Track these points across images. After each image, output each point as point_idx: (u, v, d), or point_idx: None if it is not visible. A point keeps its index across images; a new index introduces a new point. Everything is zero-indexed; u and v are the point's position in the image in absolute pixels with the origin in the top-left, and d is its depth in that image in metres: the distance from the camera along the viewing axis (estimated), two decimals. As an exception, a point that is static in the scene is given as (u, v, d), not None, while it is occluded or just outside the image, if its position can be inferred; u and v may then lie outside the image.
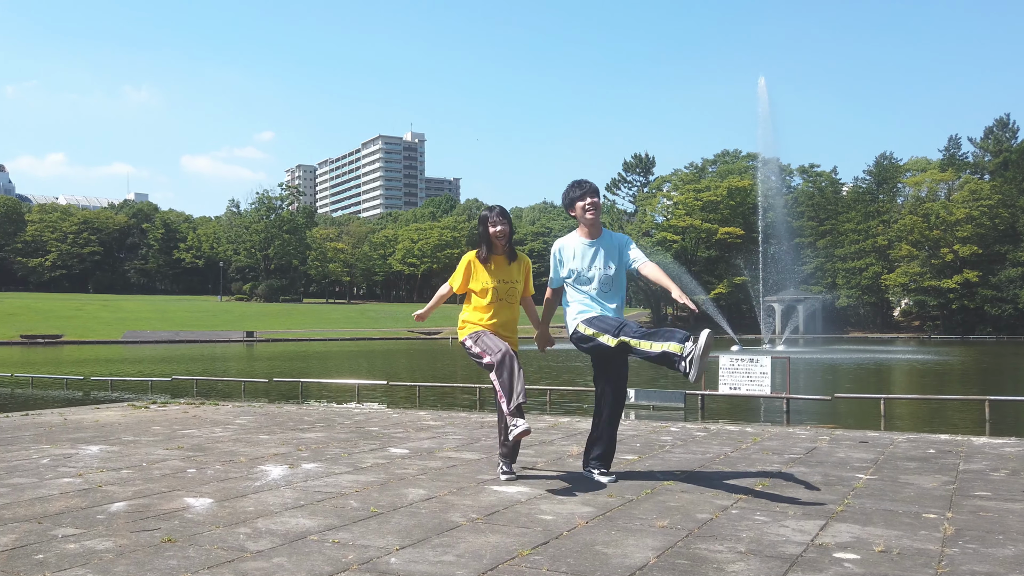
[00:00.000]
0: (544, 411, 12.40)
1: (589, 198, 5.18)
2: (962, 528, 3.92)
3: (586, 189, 5.20)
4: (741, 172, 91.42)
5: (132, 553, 3.47)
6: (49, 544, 3.61)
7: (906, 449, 6.59)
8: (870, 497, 4.65)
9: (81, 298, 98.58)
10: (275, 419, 8.99)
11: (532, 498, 4.61)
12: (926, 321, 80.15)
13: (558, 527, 3.91)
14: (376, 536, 3.75)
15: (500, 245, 5.22)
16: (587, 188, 5.20)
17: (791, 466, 5.74)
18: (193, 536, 3.75)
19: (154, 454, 6.32)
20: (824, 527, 3.93)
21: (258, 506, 4.40)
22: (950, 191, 79.62)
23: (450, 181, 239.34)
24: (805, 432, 7.86)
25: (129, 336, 60.98)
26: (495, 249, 5.24)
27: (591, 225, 5.19)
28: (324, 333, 68.71)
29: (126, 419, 8.97)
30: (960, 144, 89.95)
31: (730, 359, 12.64)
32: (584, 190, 5.20)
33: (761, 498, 4.61)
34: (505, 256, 5.24)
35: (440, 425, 8.36)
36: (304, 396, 15.76)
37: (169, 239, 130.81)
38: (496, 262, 5.22)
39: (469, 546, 3.58)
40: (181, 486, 4.98)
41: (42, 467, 5.71)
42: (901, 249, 76.42)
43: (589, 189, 5.20)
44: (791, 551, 3.50)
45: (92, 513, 4.24)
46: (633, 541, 3.66)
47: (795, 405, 13.01)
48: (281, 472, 5.49)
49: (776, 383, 12.46)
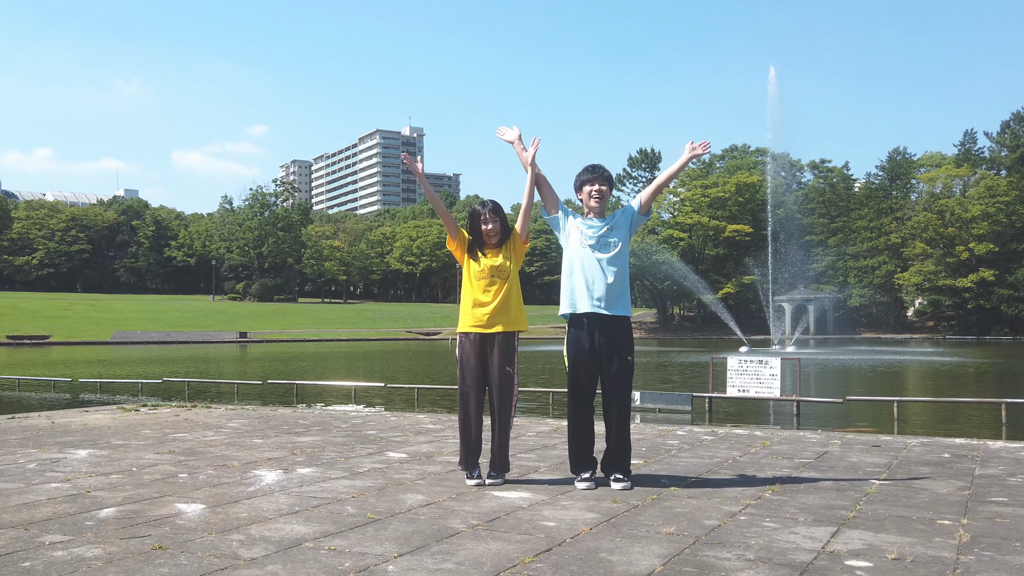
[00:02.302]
0: (547, 414, 12.40)
1: (597, 184, 5.20)
2: (978, 535, 3.92)
3: (597, 175, 5.22)
4: (750, 167, 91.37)
5: (122, 561, 3.47)
6: (36, 551, 3.61)
7: (920, 453, 6.59)
8: (883, 503, 4.64)
9: (69, 297, 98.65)
10: (269, 422, 8.99)
11: (534, 504, 4.61)
12: (941, 321, 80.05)
13: (561, 534, 3.91)
14: (373, 543, 3.75)
15: (491, 243, 5.25)
16: (598, 174, 5.23)
17: (801, 471, 5.74)
18: (185, 543, 3.75)
19: (144, 458, 6.33)
20: (836, 534, 3.92)
21: (252, 512, 4.40)
22: (965, 187, 79.51)
23: (450, 177, 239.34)
24: (816, 436, 7.86)
25: (118, 337, 61.02)
26: (486, 246, 5.27)
27: (594, 212, 5.27)
28: (320, 334, 68.74)
29: (115, 422, 8.98)
30: (976, 139, 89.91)
31: (738, 361, 12.64)
32: (595, 175, 5.22)
33: (770, 504, 4.61)
34: (498, 248, 5.31)
35: (440, 429, 8.36)
36: (299, 399, 15.76)
37: (160, 237, 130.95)
38: (487, 252, 5.31)
39: (469, 553, 3.57)
40: (172, 491, 4.99)
41: (29, 472, 5.71)
42: (915, 247, 76.36)
43: (600, 176, 5.22)
44: (801, 558, 3.50)
45: (80, 519, 4.24)
46: (638, 548, 3.66)
47: (806, 408, 13.01)
48: (275, 477, 5.49)
49: (786, 385, 12.45)
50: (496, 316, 5.18)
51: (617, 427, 5.15)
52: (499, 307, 5.18)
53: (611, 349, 5.12)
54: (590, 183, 5.23)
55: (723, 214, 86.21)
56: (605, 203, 5.27)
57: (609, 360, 5.12)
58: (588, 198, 5.24)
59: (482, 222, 5.22)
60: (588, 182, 5.24)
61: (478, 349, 5.21)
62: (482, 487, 5.09)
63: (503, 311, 5.20)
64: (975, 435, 9.92)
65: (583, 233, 5.22)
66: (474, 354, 5.22)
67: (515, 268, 5.32)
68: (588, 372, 5.15)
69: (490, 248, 5.28)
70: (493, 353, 5.19)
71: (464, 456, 5.28)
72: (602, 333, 5.13)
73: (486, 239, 5.24)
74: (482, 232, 5.23)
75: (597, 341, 5.12)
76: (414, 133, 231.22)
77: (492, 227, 5.20)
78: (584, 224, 5.26)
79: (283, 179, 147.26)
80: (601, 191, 5.22)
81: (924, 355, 37.90)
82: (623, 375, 5.16)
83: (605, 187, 5.23)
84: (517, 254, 5.36)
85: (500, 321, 5.18)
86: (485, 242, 5.26)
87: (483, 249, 5.28)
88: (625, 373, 5.17)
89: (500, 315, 5.19)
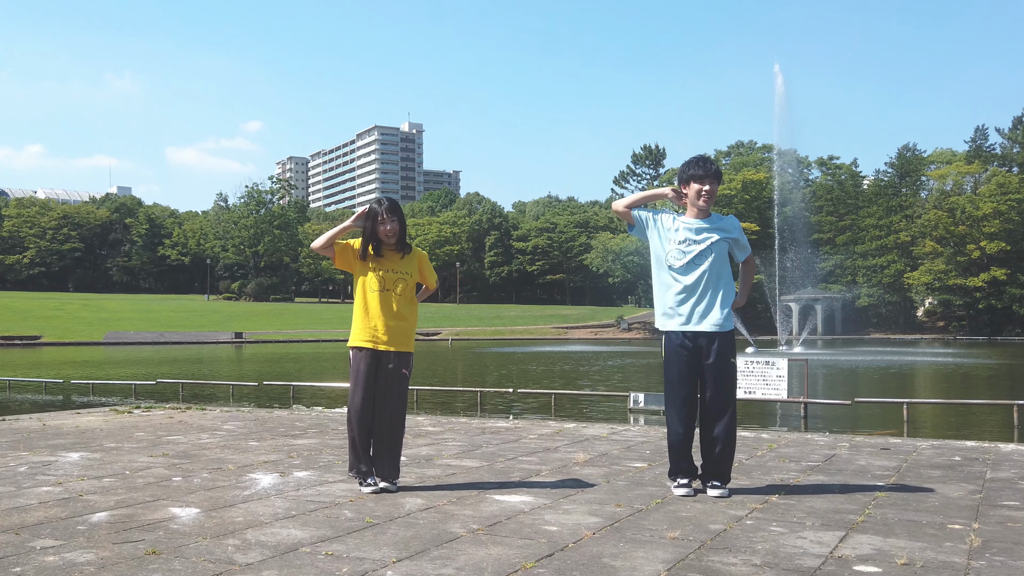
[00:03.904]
0: (548, 416, 12.40)
1: (708, 183, 5.02)
2: (989, 539, 3.92)
3: (710, 172, 5.02)
4: (756, 164, 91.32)
5: (114, 566, 3.47)
6: (27, 556, 3.62)
7: (930, 456, 6.59)
8: (892, 507, 4.64)
9: (61, 297, 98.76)
10: (265, 424, 9.00)
11: (536, 508, 4.61)
12: (951, 321, 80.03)
13: (563, 538, 3.91)
14: (371, 548, 3.76)
15: (390, 245, 5.20)
16: (711, 171, 5.03)
17: (809, 474, 5.74)
18: (179, 548, 3.76)
19: (138, 461, 6.33)
20: (844, 538, 3.92)
21: (247, 516, 4.40)
22: (977, 184, 79.44)
23: (449, 174, 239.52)
24: (824, 439, 7.86)
25: (111, 337, 61.05)
26: (383, 248, 5.21)
27: (701, 212, 5.07)
28: (317, 334, 68.73)
29: (108, 424, 8.98)
30: (987, 135, 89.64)
31: (745, 362, 12.63)
32: (707, 172, 5.01)
33: (777, 508, 4.61)
34: (397, 251, 5.23)
35: (439, 431, 8.37)
36: (296, 400, 15.76)
37: (154, 235, 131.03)
38: (386, 254, 5.23)
39: (469, 558, 3.58)
40: (166, 495, 4.99)
41: (20, 475, 5.71)
42: (925, 246, 76.31)
43: (713, 172, 5.03)
44: (809, 564, 3.50)
45: (72, 523, 4.24)
46: (642, 553, 3.66)
47: (813, 410, 13.00)
48: (271, 480, 5.50)
49: (793, 387, 12.45)
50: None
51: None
52: (393, 325, 5.23)
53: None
54: (700, 180, 5.02)
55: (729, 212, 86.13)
56: (712, 203, 5.08)
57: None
58: (696, 196, 5.05)
59: (379, 222, 5.14)
60: (699, 179, 5.03)
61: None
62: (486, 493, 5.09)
63: (396, 330, 5.24)
64: (986, 438, 9.89)
65: (667, 259, 5.10)
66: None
67: (415, 282, 5.38)
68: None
69: (389, 255, 5.24)
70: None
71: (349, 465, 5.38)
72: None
73: (383, 239, 5.17)
74: (379, 233, 5.15)
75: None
76: (413, 129, 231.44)
77: (391, 227, 5.13)
78: (672, 243, 5.11)
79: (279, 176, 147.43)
80: (710, 192, 5.05)
81: (934, 356, 37.89)
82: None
83: (715, 186, 5.07)
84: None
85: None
86: (382, 242, 5.20)
87: (381, 254, 5.24)
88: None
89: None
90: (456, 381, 21.21)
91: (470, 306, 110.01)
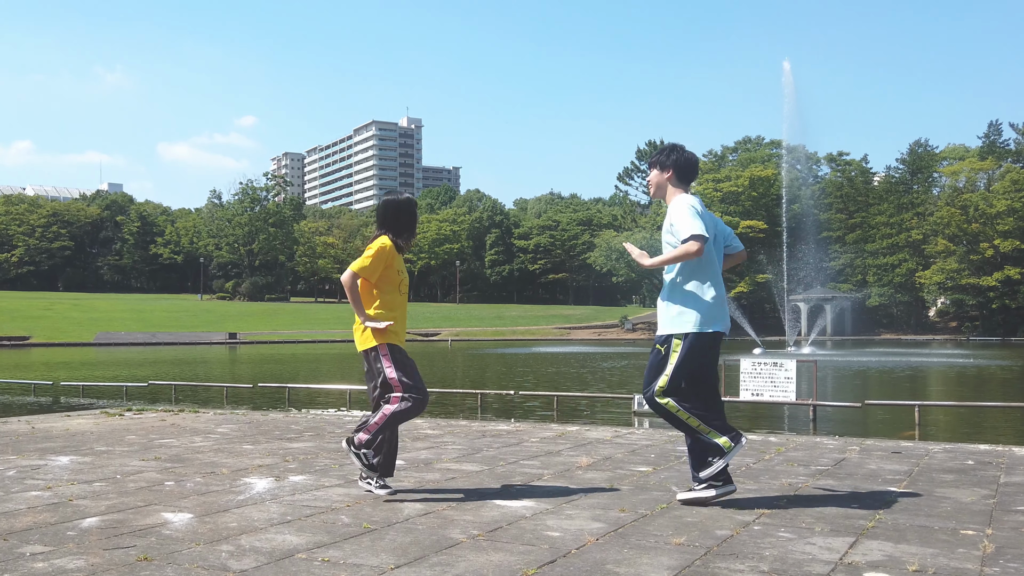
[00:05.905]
0: (551, 419, 12.41)
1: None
2: (1003, 545, 3.91)
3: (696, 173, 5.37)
4: (764, 160, 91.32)
5: (105, 572, 3.47)
6: (16, 563, 3.62)
7: (942, 460, 6.59)
8: (903, 512, 4.64)
9: (50, 296, 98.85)
10: (260, 427, 9.00)
11: (538, 513, 4.61)
12: (964, 321, 79.98)
13: (566, 544, 3.92)
14: (369, 554, 3.76)
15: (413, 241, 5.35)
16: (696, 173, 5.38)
17: (818, 478, 5.74)
18: (171, 554, 3.76)
19: (129, 465, 6.34)
20: (854, 544, 3.92)
21: (241, 521, 4.41)
22: (990, 181, 79.37)
23: (449, 170, 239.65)
24: (833, 442, 7.86)
25: (102, 338, 61.12)
26: (410, 241, 5.32)
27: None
28: (313, 334, 68.80)
29: (99, 427, 8.99)
30: (1001, 130, 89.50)
31: (752, 363, 12.64)
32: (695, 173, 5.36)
33: (785, 513, 4.61)
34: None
35: (439, 434, 8.37)
36: (291, 403, 15.77)
37: (145, 233, 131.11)
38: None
39: (470, 565, 3.58)
40: (158, 500, 5.00)
41: (8, 479, 5.72)
42: (937, 244, 76.28)
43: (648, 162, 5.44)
44: (817, 570, 3.50)
45: (62, 529, 4.25)
46: (647, 560, 3.66)
47: (822, 413, 13.00)
48: (266, 485, 5.50)
49: (802, 389, 12.45)
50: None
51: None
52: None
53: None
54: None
55: (736, 209, 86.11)
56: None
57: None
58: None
59: (414, 218, 5.33)
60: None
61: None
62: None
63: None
64: (1000, 441, 9.89)
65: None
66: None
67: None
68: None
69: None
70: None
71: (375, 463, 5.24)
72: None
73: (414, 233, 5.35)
74: (415, 226, 5.34)
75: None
76: (412, 124, 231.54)
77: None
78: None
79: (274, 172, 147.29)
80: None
81: (947, 357, 37.87)
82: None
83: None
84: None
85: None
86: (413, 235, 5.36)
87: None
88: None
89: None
90: (455, 383, 21.21)
91: (470, 306, 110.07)
